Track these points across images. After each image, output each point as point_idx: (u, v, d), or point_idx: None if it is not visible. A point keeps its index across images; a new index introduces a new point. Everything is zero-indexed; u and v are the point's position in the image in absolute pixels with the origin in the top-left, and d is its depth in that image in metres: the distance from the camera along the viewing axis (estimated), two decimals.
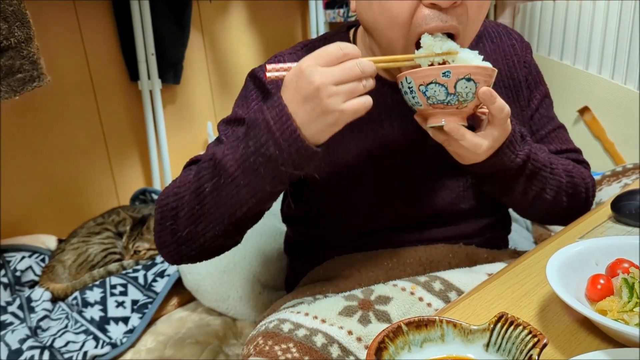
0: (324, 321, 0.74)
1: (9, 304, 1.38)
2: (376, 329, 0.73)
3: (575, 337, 0.59)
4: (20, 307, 1.37)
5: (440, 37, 0.73)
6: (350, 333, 0.73)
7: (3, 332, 1.28)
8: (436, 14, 0.72)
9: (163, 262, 1.49)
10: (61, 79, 1.70)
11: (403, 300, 0.77)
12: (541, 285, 0.68)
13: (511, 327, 0.50)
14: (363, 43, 0.87)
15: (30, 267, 1.52)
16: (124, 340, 1.30)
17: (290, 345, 0.70)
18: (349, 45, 0.65)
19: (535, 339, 0.47)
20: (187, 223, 0.76)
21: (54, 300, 1.43)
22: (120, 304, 1.38)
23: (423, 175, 0.88)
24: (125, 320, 1.36)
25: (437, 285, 0.79)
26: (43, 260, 1.56)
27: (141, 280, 1.44)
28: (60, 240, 1.65)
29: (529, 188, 0.84)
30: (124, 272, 1.47)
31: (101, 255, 1.52)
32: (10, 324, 1.32)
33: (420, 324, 0.52)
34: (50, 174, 1.74)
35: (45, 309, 1.37)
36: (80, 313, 1.37)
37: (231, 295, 1.33)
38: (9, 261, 1.50)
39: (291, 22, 2.30)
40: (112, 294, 1.40)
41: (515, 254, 0.95)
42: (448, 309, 0.66)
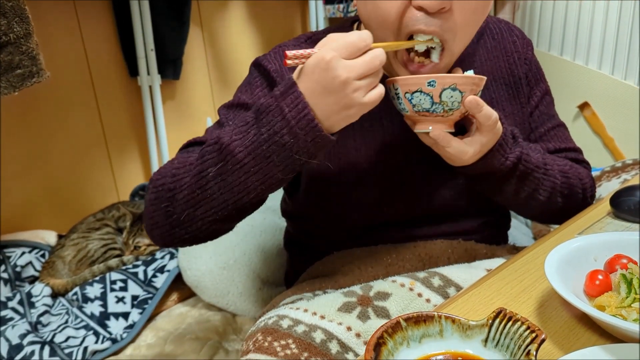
0: (323, 317, 0.74)
1: (9, 299, 1.38)
2: (375, 324, 0.73)
3: (573, 333, 0.59)
4: (21, 303, 1.38)
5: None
6: (349, 329, 0.73)
7: (3, 328, 1.28)
8: (423, 16, 0.72)
9: (163, 258, 1.49)
10: (61, 75, 1.70)
11: (402, 296, 0.77)
12: (540, 281, 0.68)
13: (509, 323, 0.50)
14: None
15: (31, 263, 1.52)
16: (124, 335, 1.31)
17: (290, 341, 0.70)
18: (369, 35, 0.66)
19: (534, 335, 0.48)
20: (186, 206, 0.74)
21: (54, 295, 1.44)
22: (120, 300, 1.39)
23: (422, 171, 0.88)
24: (126, 315, 1.36)
25: (436, 281, 0.79)
26: (43, 255, 1.56)
27: (141, 276, 1.44)
28: (60, 236, 1.65)
29: (520, 189, 0.84)
30: (124, 268, 1.47)
31: (101, 251, 1.52)
32: (11, 319, 1.32)
33: (419, 320, 0.52)
34: (49, 169, 1.74)
35: (45, 305, 1.38)
36: (80, 308, 1.37)
37: (231, 291, 1.33)
38: (9, 257, 1.50)
39: (291, 18, 2.29)
40: (112, 290, 1.40)
41: (514, 250, 0.95)
42: (447, 304, 0.66)
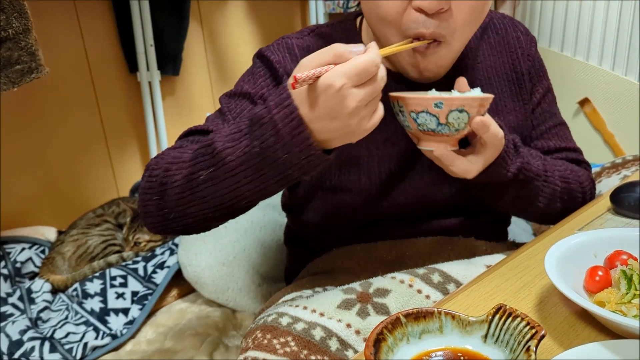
0: (322, 314, 0.74)
1: (9, 295, 1.38)
2: (375, 321, 0.73)
3: (573, 329, 0.59)
4: (21, 299, 1.38)
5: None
6: (348, 326, 0.73)
7: (3, 323, 1.28)
8: (422, 19, 0.72)
9: (163, 254, 1.49)
10: (60, 71, 1.70)
11: (401, 292, 0.77)
12: (540, 277, 0.68)
13: (509, 319, 0.50)
14: (368, 32, 0.87)
15: (30, 259, 1.52)
16: (124, 331, 1.31)
17: (289, 338, 0.70)
18: (378, 54, 0.62)
19: (533, 331, 0.48)
20: (176, 203, 0.74)
21: (54, 291, 1.44)
22: (120, 296, 1.39)
23: (422, 168, 0.88)
24: (125, 311, 1.37)
25: (436, 277, 0.79)
26: (43, 251, 1.56)
27: (141, 272, 1.44)
28: (59, 232, 1.65)
29: (519, 197, 0.84)
30: (124, 264, 1.47)
31: (101, 247, 1.52)
32: (11, 315, 1.32)
33: (418, 316, 0.52)
34: (49, 165, 1.74)
35: (45, 300, 1.38)
36: (80, 304, 1.37)
37: (231, 287, 1.33)
38: (9, 252, 1.50)
39: (291, 13, 2.28)
40: (112, 286, 1.40)
41: (514, 246, 0.95)
42: (446, 300, 0.66)
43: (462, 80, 0.76)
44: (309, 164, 0.65)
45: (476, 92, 0.73)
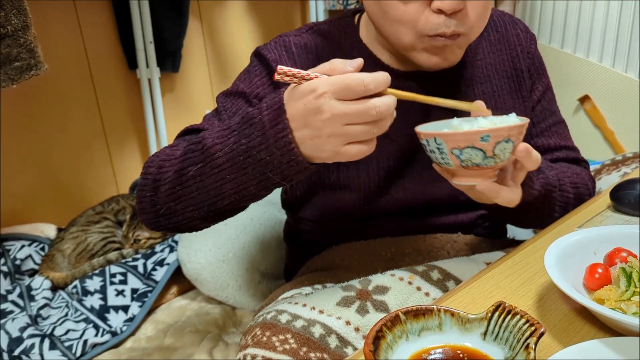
0: (321, 312, 0.74)
1: (9, 292, 1.38)
2: (374, 319, 0.73)
3: (572, 326, 0.59)
4: (21, 296, 1.38)
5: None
6: (348, 323, 0.73)
7: (3, 321, 1.28)
8: (441, 19, 0.72)
9: (163, 251, 1.49)
10: (59, 68, 1.69)
11: (401, 289, 0.77)
12: (539, 275, 0.68)
13: (509, 316, 0.50)
14: (367, 29, 0.86)
15: (30, 256, 1.52)
16: (124, 328, 1.31)
17: (288, 336, 0.70)
18: (376, 78, 0.60)
19: (533, 328, 0.48)
20: (167, 200, 0.75)
21: (54, 288, 1.44)
22: (120, 293, 1.39)
23: (421, 165, 0.88)
24: (125, 308, 1.37)
25: (435, 275, 0.79)
26: (43, 249, 1.56)
27: (141, 269, 1.45)
28: (59, 229, 1.65)
29: (538, 211, 0.83)
30: (124, 261, 1.47)
31: (100, 245, 1.52)
32: (11, 312, 1.32)
33: (418, 313, 0.52)
34: (49, 162, 1.74)
35: (45, 298, 1.38)
36: (80, 302, 1.37)
37: (230, 284, 1.33)
38: (8, 250, 1.50)
39: (290, 10, 2.28)
40: (112, 283, 1.40)
41: (514, 243, 0.95)
42: (446, 298, 0.66)
43: (482, 105, 0.71)
44: (289, 169, 0.65)
45: (512, 119, 0.68)
